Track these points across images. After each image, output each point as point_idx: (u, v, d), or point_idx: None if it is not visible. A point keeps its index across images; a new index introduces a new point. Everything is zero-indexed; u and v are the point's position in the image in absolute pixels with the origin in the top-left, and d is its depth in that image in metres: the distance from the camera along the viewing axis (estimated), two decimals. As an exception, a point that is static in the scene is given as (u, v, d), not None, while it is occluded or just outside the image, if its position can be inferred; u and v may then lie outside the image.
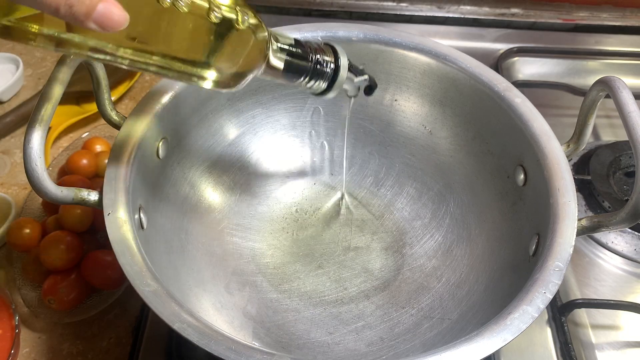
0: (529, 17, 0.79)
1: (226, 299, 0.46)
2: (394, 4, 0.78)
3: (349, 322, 0.46)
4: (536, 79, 0.71)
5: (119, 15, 0.26)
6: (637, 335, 0.49)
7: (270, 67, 0.35)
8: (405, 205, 0.54)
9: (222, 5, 0.31)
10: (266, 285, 0.49)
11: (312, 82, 0.37)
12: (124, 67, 0.30)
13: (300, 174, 0.56)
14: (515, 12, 0.79)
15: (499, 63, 0.71)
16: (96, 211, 0.38)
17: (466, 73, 0.47)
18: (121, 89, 0.68)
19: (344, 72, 0.38)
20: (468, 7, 0.78)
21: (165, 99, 0.44)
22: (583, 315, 0.50)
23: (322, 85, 0.38)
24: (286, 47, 0.35)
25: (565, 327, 0.48)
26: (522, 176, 0.44)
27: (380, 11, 0.78)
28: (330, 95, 0.39)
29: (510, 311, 0.33)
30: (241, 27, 0.32)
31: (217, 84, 0.33)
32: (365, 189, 0.55)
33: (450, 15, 0.78)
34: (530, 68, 0.73)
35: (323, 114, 0.55)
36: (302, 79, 0.37)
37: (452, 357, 0.31)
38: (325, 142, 0.56)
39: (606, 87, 0.39)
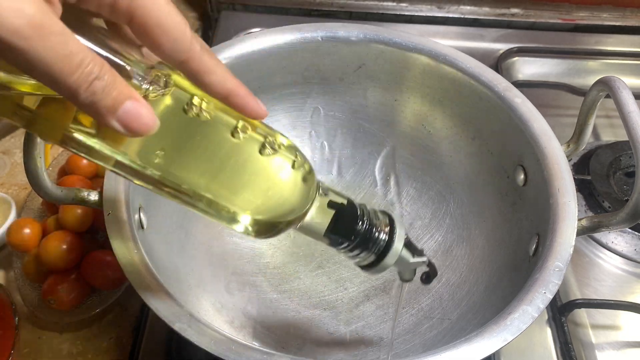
0: (528, 17, 0.79)
1: (226, 299, 0.46)
2: (394, 4, 0.78)
3: (349, 322, 0.46)
4: (536, 79, 0.71)
5: (148, 118, 0.22)
6: (637, 335, 0.49)
7: (313, 223, 0.30)
8: (405, 205, 0.54)
9: (281, 143, 0.27)
10: (266, 285, 0.49)
11: (357, 251, 0.31)
12: (150, 189, 0.26)
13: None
14: (515, 12, 0.79)
15: (499, 63, 0.71)
16: (96, 211, 0.38)
17: (466, 73, 0.47)
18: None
19: (398, 244, 0.31)
20: (468, 7, 0.78)
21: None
22: (583, 315, 0.50)
23: (370, 257, 0.31)
24: (337, 202, 0.30)
25: (565, 327, 0.48)
26: (522, 176, 0.44)
27: (380, 11, 0.78)
28: (378, 271, 0.32)
29: (510, 311, 0.33)
30: (293, 170, 0.28)
31: (249, 231, 0.28)
32: (365, 189, 0.55)
33: (450, 15, 0.78)
34: (530, 68, 0.73)
35: (323, 114, 0.54)
36: (346, 244, 0.31)
37: (452, 357, 0.31)
38: (325, 142, 0.56)
39: (606, 87, 0.39)
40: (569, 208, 0.38)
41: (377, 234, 0.31)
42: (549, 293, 0.34)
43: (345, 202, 0.31)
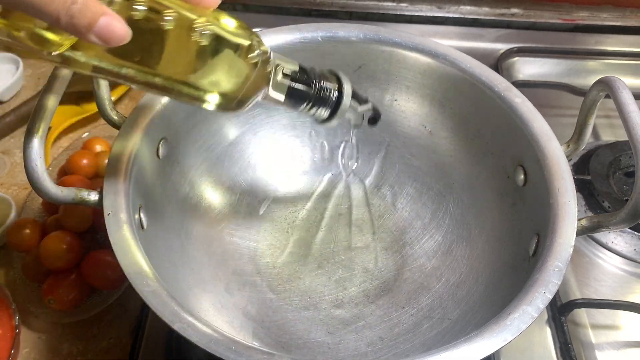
0: (528, 17, 0.79)
1: (226, 299, 0.46)
2: (394, 4, 0.78)
3: (349, 322, 0.46)
4: (536, 79, 0.71)
5: (120, 29, 0.25)
6: (637, 335, 0.49)
7: (273, 93, 0.35)
8: (405, 205, 0.54)
9: (228, 29, 0.30)
10: (266, 285, 0.49)
11: (314, 109, 0.37)
12: (129, 85, 0.30)
13: (300, 174, 0.56)
14: (515, 12, 0.79)
15: (499, 63, 0.71)
16: (96, 211, 0.38)
17: (466, 73, 0.47)
18: (121, 89, 0.68)
19: (347, 99, 0.37)
20: (468, 7, 0.78)
21: (166, 99, 0.44)
22: (583, 315, 0.50)
23: (325, 112, 0.37)
24: (289, 72, 0.35)
25: (565, 327, 0.48)
26: (522, 176, 0.44)
27: (380, 11, 0.78)
28: (333, 123, 0.38)
29: (510, 311, 0.33)
30: (245, 52, 0.31)
31: (219, 107, 0.33)
32: (365, 188, 0.55)
33: (450, 15, 0.78)
34: (530, 68, 0.73)
35: (323, 114, 0.54)
36: (304, 105, 0.36)
37: (452, 357, 0.31)
38: (325, 142, 0.56)
39: (606, 87, 0.39)
40: (569, 208, 0.38)
41: (328, 91, 0.36)
42: (548, 293, 0.34)
43: (297, 68, 0.35)
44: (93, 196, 0.38)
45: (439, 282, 0.48)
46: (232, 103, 0.33)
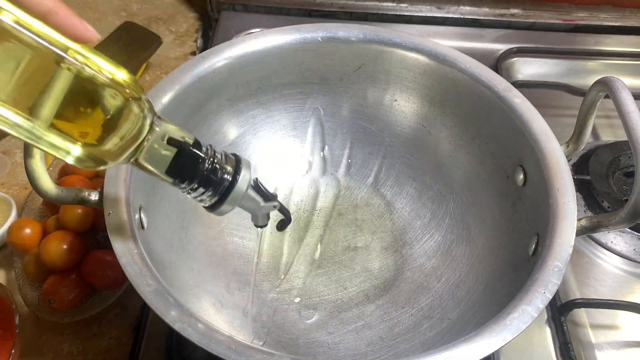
0: (528, 17, 0.79)
1: (226, 298, 0.46)
2: (394, 4, 0.78)
3: (349, 322, 0.46)
4: (536, 79, 0.71)
5: None
6: (636, 335, 0.49)
7: (150, 160, 0.29)
8: (405, 205, 0.54)
9: (105, 67, 0.26)
10: (266, 285, 0.49)
11: (200, 191, 0.31)
12: None
13: (300, 174, 0.56)
14: (515, 13, 0.79)
15: (498, 63, 0.71)
16: (96, 211, 0.39)
17: (466, 73, 0.47)
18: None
19: (242, 186, 0.31)
20: (467, 8, 0.78)
21: (166, 99, 0.44)
22: (582, 315, 0.50)
23: (213, 198, 0.32)
24: (178, 140, 0.30)
25: (565, 327, 0.48)
26: (521, 176, 0.44)
27: (380, 11, 0.78)
28: (222, 212, 0.33)
29: (509, 311, 0.33)
30: (120, 103, 0.27)
31: (77, 162, 0.27)
32: (365, 188, 0.55)
33: (450, 15, 0.78)
34: (529, 68, 0.73)
35: (323, 114, 0.55)
36: (187, 184, 0.31)
37: (452, 356, 0.31)
38: (325, 142, 0.56)
39: (606, 87, 0.39)
40: (569, 208, 0.38)
41: (220, 174, 0.31)
42: (548, 293, 0.34)
43: (190, 141, 0.30)
44: (93, 196, 0.38)
45: (438, 281, 0.48)
46: (94, 160, 0.28)
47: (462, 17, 0.78)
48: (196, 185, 0.31)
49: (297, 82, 0.52)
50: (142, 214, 0.40)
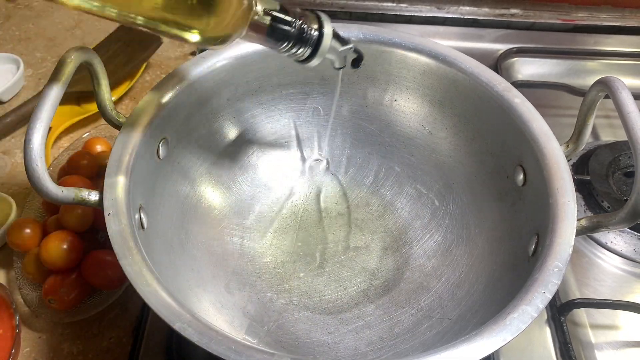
0: (528, 17, 0.79)
1: (226, 298, 0.46)
2: (394, 4, 0.78)
3: (349, 322, 0.46)
4: (535, 79, 0.71)
5: None
6: (636, 335, 0.49)
7: (254, 30, 0.35)
8: (405, 205, 0.54)
9: None
10: (266, 284, 0.49)
11: (295, 49, 0.37)
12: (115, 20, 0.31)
13: (301, 174, 0.56)
14: (515, 13, 0.79)
15: (498, 63, 0.71)
16: (97, 211, 0.39)
17: (466, 73, 0.47)
18: (121, 89, 0.68)
19: (327, 39, 0.38)
20: (467, 8, 0.78)
21: (166, 99, 0.44)
22: (582, 315, 0.50)
23: (306, 52, 0.38)
24: (270, 10, 0.35)
25: (565, 327, 0.48)
26: (521, 176, 0.44)
27: (380, 11, 0.78)
28: (314, 62, 0.39)
29: (509, 311, 0.33)
30: None
31: (202, 42, 0.33)
32: (365, 188, 0.55)
33: (450, 15, 0.78)
34: (529, 68, 0.73)
35: (323, 114, 0.55)
36: (285, 44, 0.37)
37: (452, 356, 0.31)
38: (325, 142, 0.56)
39: (605, 87, 0.39)
40: (569, 208, 0.38)
41: (309, 31, 0.37)
42: (548, 293, 0.34)
43: (277, 7, 0.36)
44: (93, 196, 0.38)
45: (438, 281, 0.48)
46: (212, 38, 0.33)
47: (462, 17, 0.78)
48: (292, 44, 0.37)
49: (297, 82, 0.52)
50: (142, 214, 0.40)
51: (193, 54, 0.75)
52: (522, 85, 0.68)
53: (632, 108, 0.37)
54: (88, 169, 0.55)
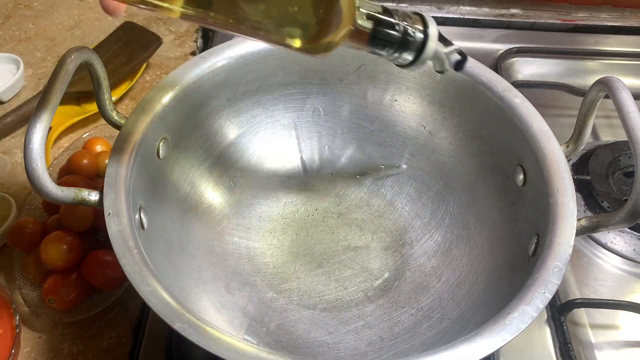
0: (528, 17, 0.79)
1: (226, 298, 0.46)
2: (394, 4, 0.78)
3: (349, 322, 0.46)
4: (535, 79, 0.71)
5: None
6: (636, 335, 0.49)
7: (357, 34, 0.32)
8: (405, 205, 0.54)
9: None
10: (266, 285, 0.49)
11: (397, 53, 0.35)
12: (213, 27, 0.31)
13: (301, 174, 0.56)
14: (515, 13, 0.79)
15: (498, 63, 0.71)
16: (97, 211, 0.38)
17: (466, 73, 0.47)
18: (122, 89, 0.68)
19: (432, 42, 0.35)
20: (467, 8, 0.78)
21: (166, 99, 0.44)
22: (582, 315, 0.50)
23: (409, 56, 0.35)
24: (373, 13, 0.33)
25: (565, 327, 0.48)
26: (521, 176, 0.44)
27: (380, 11, 0.78)
28: (417, 67, 0.36)
29: (509, 311, 0.33)
30: None
31: (301, 49, 0.31)
32: (365, 188, 0.55)
33: (450, 15, 0.78)
34: (529, 68, 0.73)
35: (323, 114, 0.55)
36: (388, 48, 0.34)
37: (452, 356, 0.31)
38: (325, 143, 0.56)
39: (605, 87, 0.39)
40: (568, 208, 0.38)
41: (414, 34, 0.34)
42: (548, 293, 0.34)
43: (380, 9, 0.33)
44: (93, 196, 0.38)
45: (438, 281, 0.48)
46: (313, 44, 0.31)
47: (462, 17, 0.78)
48: (393, 49, 0.34)
49: (297, 82, 0.52)
50: (142, 214, 0.40)
51: (193, 54, 0.75)
52: (522, 85, 0.68)
53: (632, 108, 0.37)
54: (88, 169, 0.55)
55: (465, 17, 0.78)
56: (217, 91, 0.49)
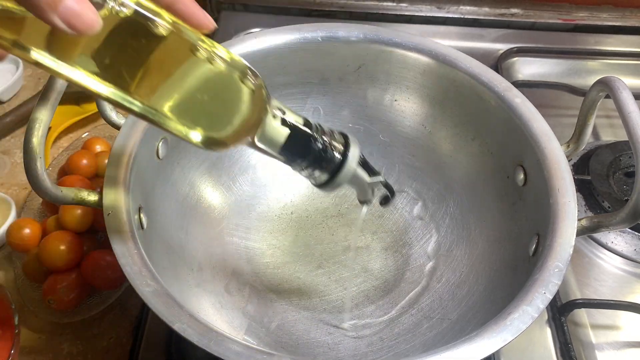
0: (528, 17, 0.79)
1: (226, 299, 0.46)
2: (394, 4, 0.78)
3: (349, 322, 0.46)
4: (536, 79, 0.71)
5: (89, 17, 0.22)
6: (636, 335, 0.49)
7: (266, 139, 0.30)
8: (405, 205, 0.54)
9: (221, 54, 0.27)
10: (266, 285, 0.49)
11: (310, 170, 0.32)
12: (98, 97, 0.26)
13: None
14: (515, 13, 0.79)
15: (498, 63, 0.71)
16: (96, 211, 0.38)
17: (466, 73, 0.47)
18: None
19: (351, 164, 0.32)
20: (468, 8, 0.78)
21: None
22: (583, 315, 0.50)
23: (324, 175, 0.32)
24: (291, 121, 0.31)
25: (565, 327, 0.48)
26: (522, 176, 0.44)
27: (380, 11, 0.78)
28: (332, 188, 0.33)
29: (510, 311, 0.33)
30: (242, 80, 0.28)
31: (200, 144, 0.29)
32: (365, 189, 0.55)
33: (450, 15, 0.78)
34: (530, 68, 0.73)
35: (323, 114, 0.54)
36: (300, 161, 0.32)
37: (452, 357, 0.31)
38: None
39: (606, 87, 0.39)
40: (569, 208, 0.38)
41: (331, 153, 0.32)
42: (548, 293, 0.34)
43: (301, 121, 0.31)
44: (93, 196, 0.38)
45: (439, 282, 0.48)
46: (216, 142, 0.29)
47: (462, 17, 0.78)
48: (307, 164, 0.32)
49: (297, 82, 0.52)
50: (142, 214, 0.40)
51: (193, 53, 0.75)
52: (523, 85, 0.68)
53: (632, 108, 0.37)
54: (87, 169, 0.55)
55: (466, 16, 0.78)
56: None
